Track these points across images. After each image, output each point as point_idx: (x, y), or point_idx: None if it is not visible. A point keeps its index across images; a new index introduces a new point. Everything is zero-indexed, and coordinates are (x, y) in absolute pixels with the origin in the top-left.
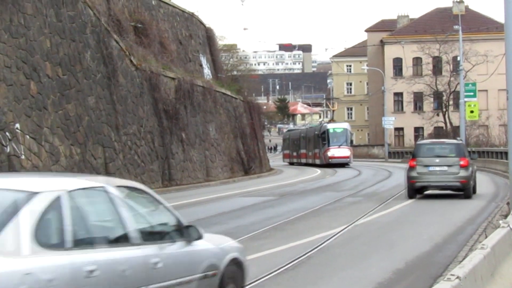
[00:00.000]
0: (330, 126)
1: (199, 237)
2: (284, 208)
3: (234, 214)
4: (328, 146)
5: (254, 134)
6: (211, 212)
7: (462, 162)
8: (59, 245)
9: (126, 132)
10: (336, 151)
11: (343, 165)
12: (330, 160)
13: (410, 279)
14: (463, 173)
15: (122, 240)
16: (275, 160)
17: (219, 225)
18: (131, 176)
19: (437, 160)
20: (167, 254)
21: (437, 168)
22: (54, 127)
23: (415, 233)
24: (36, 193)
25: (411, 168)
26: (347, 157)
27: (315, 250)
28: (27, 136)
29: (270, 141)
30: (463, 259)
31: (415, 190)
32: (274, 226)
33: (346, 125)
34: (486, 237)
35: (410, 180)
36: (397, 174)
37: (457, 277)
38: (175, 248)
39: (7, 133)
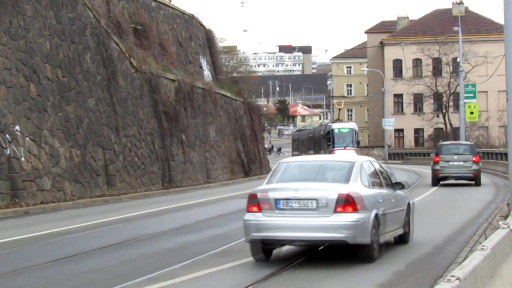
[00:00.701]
0: (335, 126)
1: (402, 188)
2: None
3: (234, 216)
4: (333, 147)
5: (254, 135)
6: (211, 214)
7: (474, 159)
8: (367, 186)
9: (126, 134)
10: (341, 154)
11: None
12: None
13: (411, 281)
14: (475, 166)
15: (380, 186)
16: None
17: (219, 227)
18: (131, 178)
19: (455, 156)
20: (393, 195)
21: (455, 163)
22: (54, 129)
23: (415, 234)
24: (354, 162)
25: (435, 162)
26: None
27: (315, 251)
28: (27, 138)
29: (270, 142)
30: (463, 260)
31: (438, 179)
32: None
33: (352, 125)
34: (486, 238)
35: (434, 172)
36: (397, 175)
37: (457, 278)
38: (393, 192)
39: (7, 135)
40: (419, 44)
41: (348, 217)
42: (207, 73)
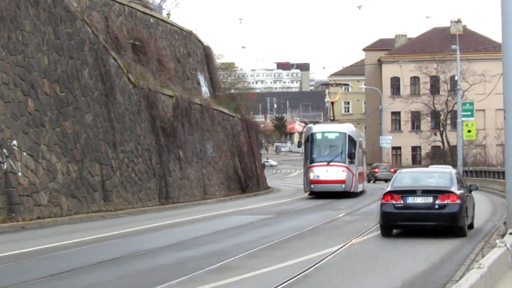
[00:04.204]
0: (317, 129)
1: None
2: (281, 226)
3: (231, 232)
4: (311, 162)
5: (252, 152)
6: (208, 230)
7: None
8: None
9: (123, 149)
10: (322, 172)
11: (337, 195)
12: (312, 186)
13: None
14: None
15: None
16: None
17: (216, 243)
18: (128, 194)
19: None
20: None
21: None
22: (51, 144)
23: (412, 252)
24: (450, 170)
25: None
26: (341, 181)
27: (312, 269)
28: (24, 153)
29: (267, 159)
30: (460, 278)
31: None
32: (270, 245)
33: (345, 128)
34: (483, 256)
35: None
36: None
37: None
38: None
39: (4, 150)
40: (417, 62)
41: None
42: (205, 89)
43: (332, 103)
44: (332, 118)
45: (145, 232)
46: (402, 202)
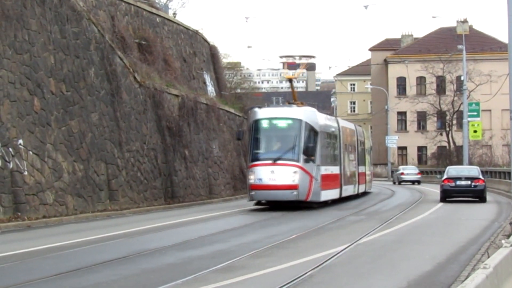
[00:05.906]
0: (263, 114)
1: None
2: (286, 226)
3: (236, 232)
4: (253, 160)
5: None
6: (213, 230)
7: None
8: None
9: (129, 149)
10: (266, 174)
11: (290, 206)
12: (252, 192)
13: None
14: None
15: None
16: None
17: (221, 242)
18: (134, 193)
19: None
20: None
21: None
22: (57, 143)
23: (418, 252)
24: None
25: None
26: (292, 187)
27: (317, 268)
28: (30, 152)
29: None
30: (465, 278)
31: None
32: (276, 244)
33: (301, 113)
34: (488, 256)
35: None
36: (400, 193)
37: None
38: None
39: (10, 149)
40: (423, 62)
41: None
42: (210, 88)
43: (290, 80)
44: (293, 100)
45: (151, 232)
46: (453, 184)
